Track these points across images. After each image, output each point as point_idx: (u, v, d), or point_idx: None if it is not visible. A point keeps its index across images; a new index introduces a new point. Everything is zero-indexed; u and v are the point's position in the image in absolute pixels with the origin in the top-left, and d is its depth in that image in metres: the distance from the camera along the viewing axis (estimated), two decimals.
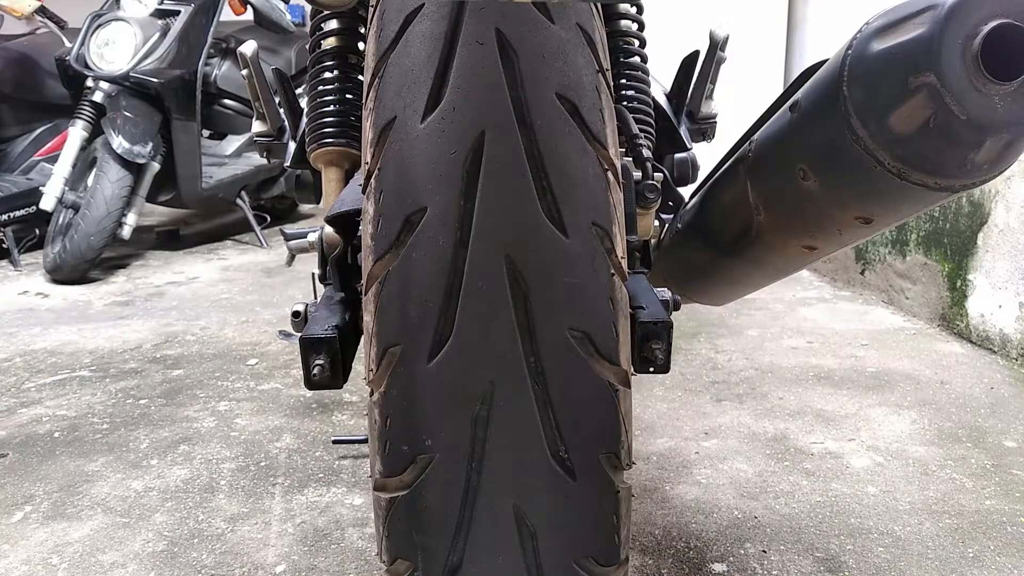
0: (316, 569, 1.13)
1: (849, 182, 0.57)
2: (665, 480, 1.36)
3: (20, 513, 1.30)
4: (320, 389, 0.64)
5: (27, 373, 1.96)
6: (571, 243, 0.52)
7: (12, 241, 3.12)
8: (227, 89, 3.46)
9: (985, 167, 0.50)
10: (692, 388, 1.76)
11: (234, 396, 1.77)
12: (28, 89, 3.50)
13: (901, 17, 0.50)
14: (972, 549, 1.14)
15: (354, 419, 1.63)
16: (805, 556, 1.13)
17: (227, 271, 3.02)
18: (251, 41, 1.12)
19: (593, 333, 0.53)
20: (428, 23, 0.53)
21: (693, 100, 1.13)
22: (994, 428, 1.53)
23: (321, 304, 0.72)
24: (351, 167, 0.98)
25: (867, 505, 1.27)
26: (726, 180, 0.83)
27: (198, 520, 1.26)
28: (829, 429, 1.55)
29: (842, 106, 0.53)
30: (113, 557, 1.17)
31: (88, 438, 1.57)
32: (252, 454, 1.48)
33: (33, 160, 3.43)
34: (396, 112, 0.53)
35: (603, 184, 0.54)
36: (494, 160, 0.51)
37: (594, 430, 0.54)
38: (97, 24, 3.01)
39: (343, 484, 1.36)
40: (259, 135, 1.19)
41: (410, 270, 0.52)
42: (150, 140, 2.94)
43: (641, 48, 1.01)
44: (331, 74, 0.97)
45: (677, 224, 1.00)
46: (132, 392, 1.81)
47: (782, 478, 1.36)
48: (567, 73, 0.53)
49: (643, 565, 1.12)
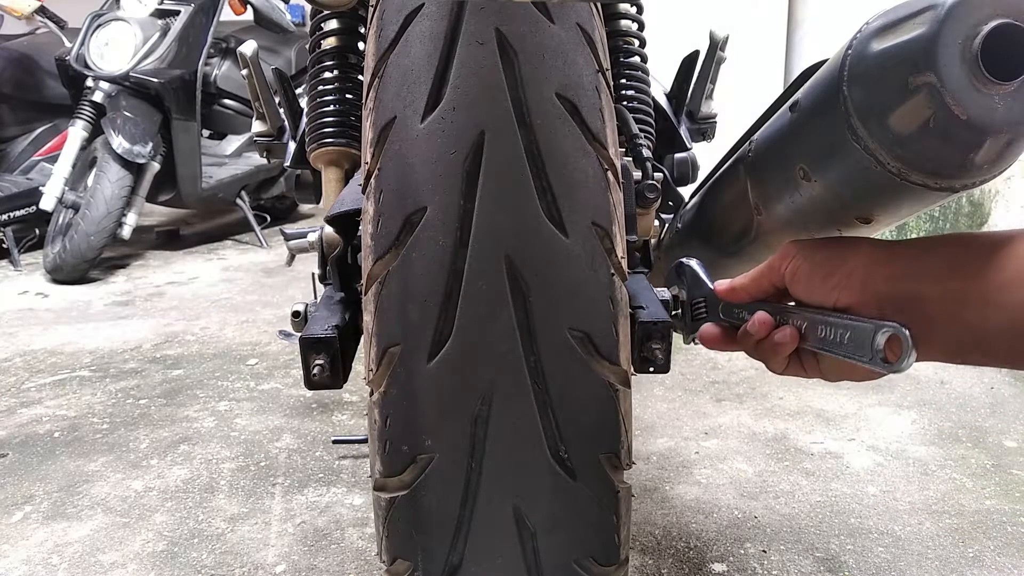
0: (316, 569, 1.13)
1: (849, 182, 0.57)
2: (665, 480, 1.36)
3: (20, 513, 1.29)
4: (320, 389, 0.64)
5: (27, 373, 1.96)
6: (571, 243, 0.52)
7: (12, 241, 3.13)
8: (227, 89, 3.46)
9: (985, 167, 0.50)
10: (692, 388, 1.76)
11: (234, 396, 1.77)
12: (28, 89, 3.50)
13: (901, 17, 0.50)
14: (972, 549, 1.14)
15: (354, 419, 1.63)
16: (805, 556, 1.13)
17: (227, 271, 3.02)
18: (251, 41, 1.12)
19: (593, 333, 0.53)
20: (428, 23, 0.53)
21: (693, 100, 1.13)
22: (994, 428, 1.53)
23: (321, 304, 0.72)
24: (351, 167, 0.98)
25: (867, 505, 1.27)
26: (726, 180, 0.83)
27: (198, 520, 1.26)
28: (829, 429, 1.55)
29: (842, 106, 0.53)
30: (113, 557, 1.17)
31: (88, 438, 1.57)
32: (252, 454, 1.48)
33: (33, 160, 3.43)
34: (396, 112, 0.53)
35: (603, 184, 0.54)
36: (494, 160, 0.51)
37: (594, 430, 0.54)
38: (97, 24, 3.01)
39: (343, 484, 1.36)
40: (259, 135, 1.19)
41: (410, 270, 0.52)
42: (150, 140, 2.94)
43: (641, 48, 1.01)
44: (331, 74, 0.97)
45: (677, 224, 1.00)
46: (132, 392, 1.81)
47: (782, 478, 1.36)
48: (567, 73, 0.53)
49: (643, 565, 1.12)
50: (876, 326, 0.49)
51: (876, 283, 0.52)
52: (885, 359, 0.48)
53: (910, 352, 0.47)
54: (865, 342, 0.49)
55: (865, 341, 0.49)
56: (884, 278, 0.51)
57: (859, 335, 0.50)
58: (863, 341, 0.50)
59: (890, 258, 0.52)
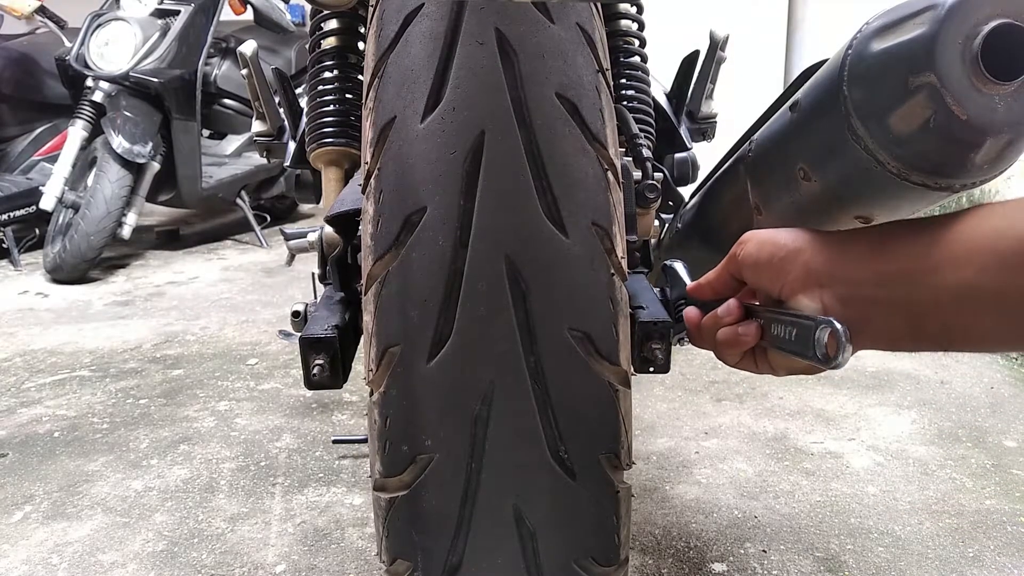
0: (316, 569, 1.13)
1: (849, 182, 0.57)
2: (665, 480, 1.36)
3: (20, 513, 1.29)
4: (320, 389, 0.64)
5: (27, 373, 1.96)
6: (571, 243, 0.52)
7: (12, 241, 3.12)
8: (227, 89, 3.46)
9: (985, 167, 0.50)
10: (692, 388, 1.76)
11: (234, 396, 1.77)
12: (28, 89, 3.50)
13: (901, 17, 0.50)
14: (972, 549, 1.14)
15: (354, 419, 1.63)
16: (805, 556, 1.13)
17: (227, 271, 3.02)
18: (251, 41, 1.12)
19: (593, 333, 0.53)
20: (428, 23, 0.53)
21: (693, 100, 1.13)
22: (994, 428, 1.53)
23: (321, 304, 0.72)
24: (351, 167, 0.98)
25: (867, 505, 1.27)
26: (726, 180, 0.83)
27: (198, 520, 1.26)
28: (829, 429, 1.55)
29: (842, 106, 0.53)
30: (113, 557, 1.17)
31: (88, 438, 1.57)
32: (252, 454, 1.48)
33: (33, 160, 3.43)
34: (396, 112, 0.53)
35: (603, 184, 0.54)
36: (494, 160, 0.51)
37: (594, 430, 0.54)
38: (97, 24, 3.01)
39: (343, 484, 1.36)
40: (259, 135, 1.19)
41: (410, 270, 0.52)
42: (150, 140, 2.94)
43: (641, 48, 1.01)
44: (331, 74, 0.97)
45: (677, 224, 1.00)
46: (132, 392, 1.81)
47: (782, 478, 1.36)
48: (567, 73, 0.53)
49: (643, 565, 1.12)
50: (816, 322, 0.50)
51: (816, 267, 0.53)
52: (826, 354, 0.49)
53: (846, 347, 0.48)
54: (809, 339, 0.50)
55: (809, 338, 0.50)
56: (822, 262, 0.53)
57: (804, 332, 0.51)
58: (807, 338, 0.51)
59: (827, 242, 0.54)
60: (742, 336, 0.59)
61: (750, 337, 0.58)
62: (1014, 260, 0.44)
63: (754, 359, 0.61)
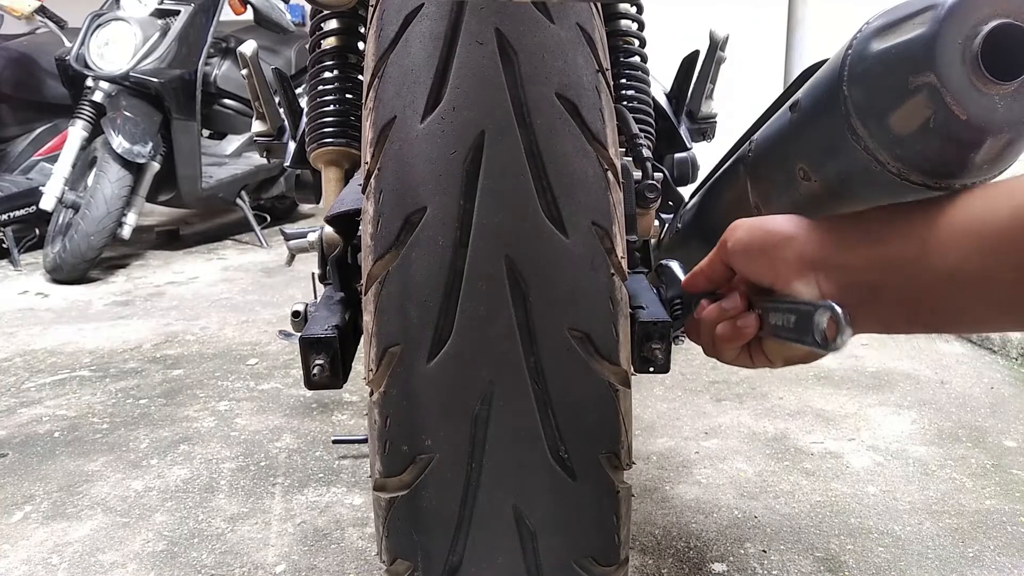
0: (316, 569, 1.13)
1: (849, 182, 0.57)
2: (665, 480, 1.36)
3: (20, 513, 1.29)
4: (320, 389, 0.64)
5: (27, 373, 1.96)
6: (571, 243, 0.52)
7: (12, 241, 3.12)
8: (227, 89, 3.46)
9: (985, 167, 0.50)
10: (692, 388, 1.76)
11: (234, 396, 1.77)
12: (28, 89, 3.50)
13: (901, 17, 0.50)
14: (972, 549, 1.14)
15: (354, 419, 1.63)
16: (805, 556, 1.13)
17: (227, 271, 3.02)
18: (251, 41, 1.12)
19: (593, 333, 0.53)
20: (428, 23, 0.53)
21: (693, 100, 1.13)
22: (994, 428, 1.53)
23: (321, 304, 0.72)
24: (351, 167, 0.98)
25: (867, 505, 1.27)
26: (726, 180, 0.83)
27: (198, 520, 1.26)
28: (829, 429, 1.55)
29: (842, 106, 0.53)
30: (113, 557, 1.17)
31: (88, 438, 1.57)
32: (252, 454, 1.48)
33: (33, 160, 3.43)
34: (396, 112, 0.53)
35: (603, 184, 0.54)
36: (494, 160, 0.51)
37: (594, 430, 0.54)
38: (97, 24, 3.01)
39: (343, 484, 1.36)
40: (259, 135, 1.19)
41: (410, 270, 0.52)
42: (150, 140, 2.94)
43: (641, 48, 1.01)
44: (331, 74, 0.97)
45: (677, 224, 1.00)
46: (132, 392, 1.81)
47: (782, 478, 1.36)
48: (567, 73, 0.53)
49: (643, 565, 1.12)
50: (815, 307, 0.50)
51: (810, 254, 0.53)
52: (825, 338, 0.49)
53: (845, 330, 0.47)
54: (808, 324, 0.50)
55: (808, 323, 0.50)
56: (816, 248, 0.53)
57: (803, 318, 0.51)
58: (806, 323, 0.50)
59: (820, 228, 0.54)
60: (741, 328, 0.58)
61: (750, 328, 0.58)
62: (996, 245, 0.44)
63: (749, 353, 0.61)
